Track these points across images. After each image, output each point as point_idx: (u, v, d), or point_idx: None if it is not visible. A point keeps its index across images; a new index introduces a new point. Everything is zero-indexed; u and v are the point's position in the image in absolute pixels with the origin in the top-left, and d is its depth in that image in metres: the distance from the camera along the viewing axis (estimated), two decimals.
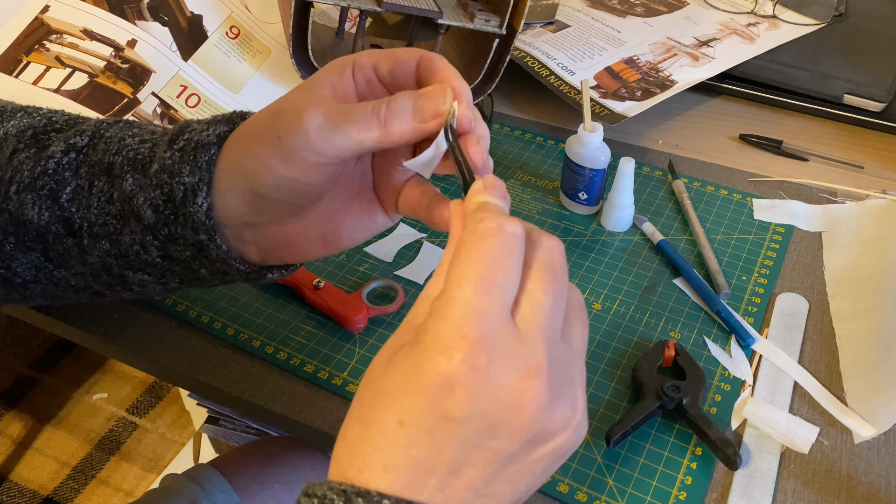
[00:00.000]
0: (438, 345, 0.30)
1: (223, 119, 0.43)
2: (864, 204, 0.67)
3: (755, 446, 0.50)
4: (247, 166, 0.41)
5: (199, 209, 0.41)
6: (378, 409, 0.31)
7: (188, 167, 0.41)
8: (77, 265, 0.46)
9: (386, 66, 0.42)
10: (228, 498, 0.71)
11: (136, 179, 0.42)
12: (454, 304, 0.30)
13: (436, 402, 0.30)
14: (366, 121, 0.39)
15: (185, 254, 0.43)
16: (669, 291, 0.61)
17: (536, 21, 0.87)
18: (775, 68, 0.81)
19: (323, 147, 0.39)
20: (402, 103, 0.39)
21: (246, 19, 0.76)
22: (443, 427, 0.30)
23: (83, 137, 0.45)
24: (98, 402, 1.64)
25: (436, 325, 0.30)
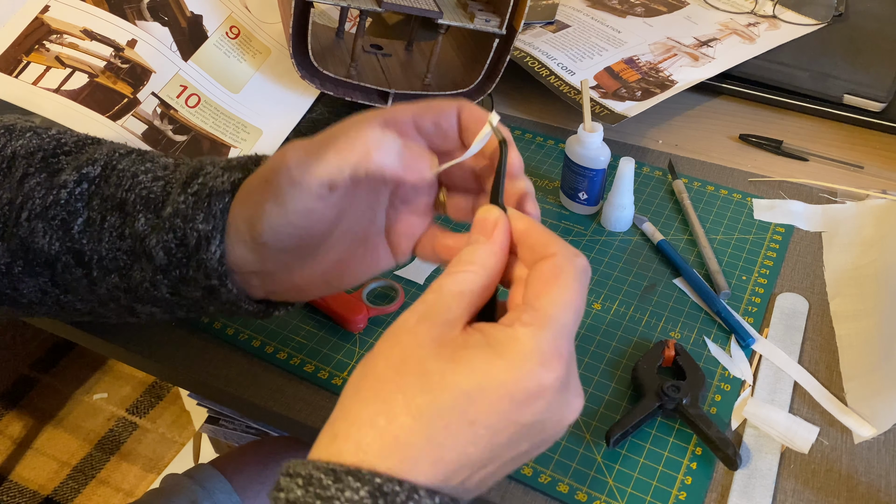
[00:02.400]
0: (539, 357, 0.32)
1: (238, 165, 0.43)
2: (864, 204, 0.67)
3: (755, 446, 0.50)
4: (246, 215, 0.40)
5: (212, 256, 0.41)
6: (441, 406, 0.31)
7: (202, 214, 0.41)
8: (85, 293, 0.46)
9: (428, 118, 0.41)
10: (229, 498, 0.71)
11: (148, 220, 0.42)
12: (555, 325, 0.33)
13: (520, 408, 0.32)
14: (347, 144, 0.37)
15: (195, 294, 0.43)
16: (669, 291, 0.61)
17: (536, 21, 0.87)
18: (775, 68, 0.81)
19: (305, 179, 0.37)
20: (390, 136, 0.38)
21: (246, 19, 0.76)
22: (509, 430, 0.32)
23: (95, 167, 0.45)
24: (98, 402, 1.64)
25: (537, 341, 0.32)
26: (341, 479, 0.30)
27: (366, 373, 0.34)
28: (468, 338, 0.33)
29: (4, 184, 0.45)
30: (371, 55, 0.77)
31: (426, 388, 0.32)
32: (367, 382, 0.33)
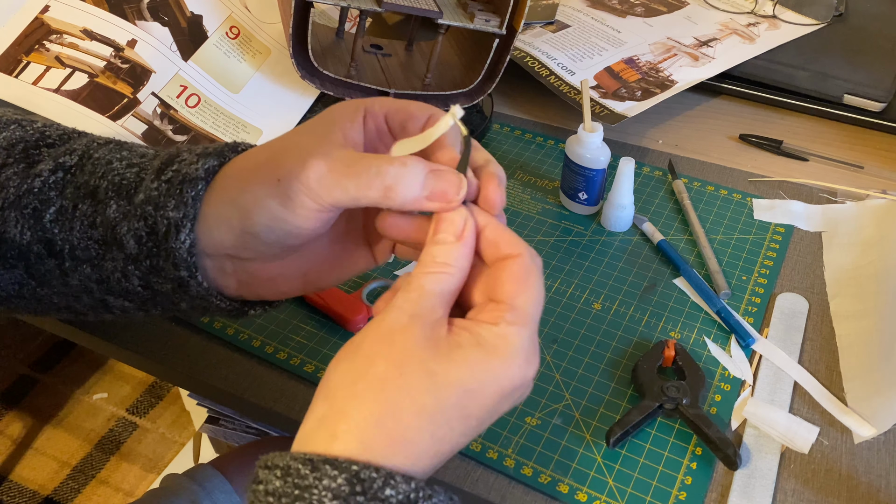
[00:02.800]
0: (525, 354, 0.35)
1: (214, 152, 0.42)
2: (864, 204, 0.67)
3: (755, 446, 0.50)
4: (241, 203, 0.40)
5: (181, 245, 0.40)
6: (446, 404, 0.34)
7: (173, 201, 0.40)
8: (59, 286, 0.45)
9: (398, 118, 0.42)
10: (229, 498, 0.71)
11: (119, 206, 0.41)
12: (533, 323, 0.36)
13: (506, 399, 0.36)
14: (367, 180, 0.38)
15: (165, 286, 0.43)
16: (669, 291, 0.61)
17: (536, 21, 0.87)
18: (775, 68, 0.81)
19: (322, 198, 0.38)
20: (413, 174, 0.38)
21: (246, 19, 0.76)
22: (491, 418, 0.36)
23: (73, 156, 0.44)
24: (98, 402, 1.64)
25: (519, 339, 0.35)
26: (318, 468, 0.31)
27: (363, 372, 0.34)
28: (458, 337, 0.35)
29: None
30: (371, 55, 0.77)
31: (431, 389, 0.34)
32: (367, 383, 0.34)
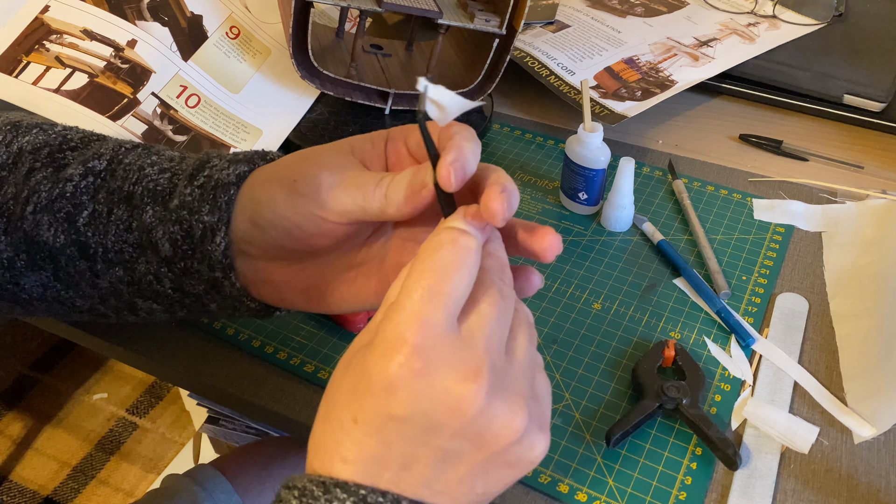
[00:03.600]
0: (383, 347, 0.32)
1: (244, 158, 0.44)
2: (864, 204, 0.67)
3: (755, 446, 0.50)
4: (257, 196, 0.42)
5: (216, 248, 0.42)
6: (337, 406, 0.34)
7: (207, 206, 0.42)
8: (87, 288, 0.46)
9: (415, 137, 0.42)
10: (229, 498, 0.71)
11: (156, 212, 0.43)
12: (400, 311, 0.32)
13: (381, 401, 0.32)
14: (371, 189, 0.39)
15: (198, 288, 0.44)
16: (669, 291, 0.61)
17: (536, 21, 0.87)
18: (775, 68, 0.81)
19: (329, 203, 0.40)
20: (402, 175, 0.39)
21: (246, 19, 0.76)
22: (388, 425, 0.32)
23: (101, 161, 0.45)
24: (98, 402, 1.64)
25: (384, 328, 0.32)
26: (330, 491, 0.32)
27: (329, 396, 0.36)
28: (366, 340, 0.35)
29: (10, 179, 0.46)
30: (371, 55, 0.77)
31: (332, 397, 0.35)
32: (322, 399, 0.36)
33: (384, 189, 0.39)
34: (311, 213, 0.40)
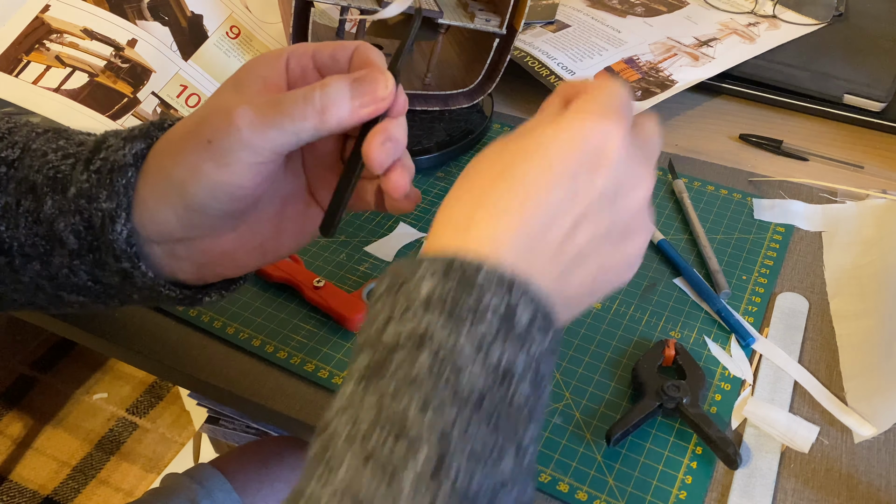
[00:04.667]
0: (594, 110, 0.35)
1: (140, 133, 0.40)
2: (864, 204, 0.67)
3: (755, 446, 0.50)
4: (176, 176, 0.38)
5: (118, 237, 0.39)
6: (521, 159, 0.35)
7: (105, 192, 0.39)
8: (13, 283, 0.44)
9: (326, 50, 0.41)
10: (229, 497, 0.71)
11: (55, 202, 0.40)
12: (612, 94, 0.36)
13: (586, 149, 0.35)
14: (300, 110, 0.37)
15: (112, 280, 0.41)
16: (669, 291, 0.61)
17: (536, 21, 0.87)
18: (775, 68, 0.81)
19: (258, 144, 0.37)
20: (337, 87, 0.38)
21: (246, 19, 0.76)
22: (584, 176, 0.35)
23: (15, 150, 0.42)
24: (98, 402, 1.64)
25: (596, 101, 0.36)
26: (418, 261, 0.33)
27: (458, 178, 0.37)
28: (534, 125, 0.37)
29: None
30: None
31: (504, 155, 0.36)
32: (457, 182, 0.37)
33: (317, 104, 0.37)
34: (245, 164, 0.37)
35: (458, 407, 0.30)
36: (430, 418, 0.29)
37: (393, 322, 0.32)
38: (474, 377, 0.30)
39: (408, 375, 0.30)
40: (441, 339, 0.31)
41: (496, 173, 0.35)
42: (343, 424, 0.30)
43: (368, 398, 0.30)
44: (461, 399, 0.30)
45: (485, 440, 0.30)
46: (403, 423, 0.29)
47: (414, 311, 0.32)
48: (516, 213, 0.34)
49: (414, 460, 0.28)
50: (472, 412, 0.30)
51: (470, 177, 0.36)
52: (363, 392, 0.31)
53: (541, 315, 0.33)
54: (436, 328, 0.31)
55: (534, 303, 0.33)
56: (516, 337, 0.32)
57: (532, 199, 0.34)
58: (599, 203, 0.35)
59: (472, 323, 0.31)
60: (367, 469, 0.28)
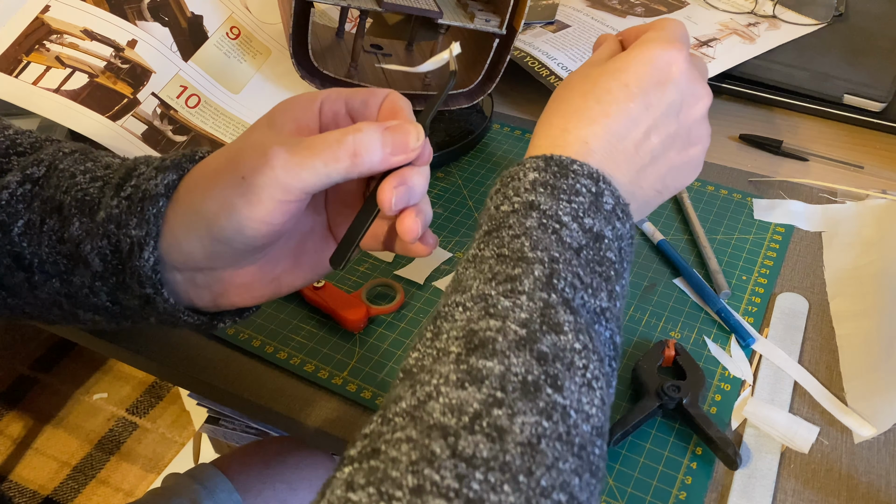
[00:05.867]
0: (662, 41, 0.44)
1: (172, 165, 0.41)
2: (864, 204, 0.67)
3: (755, 446, 0.50)
4: (207, 210, 0.39)
5: (145, 263, 0.40)
6: (602, 80, 0.44)
7: (135, 219, 0.40)
8: (28, 297, 0.44)
9: (359, 97, 0.43)
10: (230, 497, 0.71)
11: (82, 224, 0.41)
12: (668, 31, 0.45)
13: (657, 70, 0.44)
14: (333, 153, 0.39)
15: (133, 303, 0.42)
16: (669, 291, 0.61)
17: (536, 21, 0.87)
18: (775, 68, 0.81)
19: (291, 183, 0.38)
20: (370, 134, 0.39)
21: (246, 20, 0.76)
22: (655, 91, 0.43)
23: (40, 167, 0.43)
24: (98, 402, 1.64)
25: (661, 34, 0.45)
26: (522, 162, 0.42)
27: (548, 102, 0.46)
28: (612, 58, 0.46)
29: None
30: (371, 55, 0.77)
31: (588, 80, 0.44)
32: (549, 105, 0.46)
33: (350, 148, 0.39)
34: (275, 201, 0.38)
35: (562, 250, 0.37)
36: (540, 252, 0.37)
37: (506, 202, 0.40)
38: (574, 233, 0.38)
39: (521, 226, 0.38)
40: (546, 206, 0.39)
41: (584, 91, 0.44)
42: (470, 270, 0.38)
43: (488, 248, 0.38)
44: (564, 245, 0.38)
45: (583, 276, 0.37)
46: (521, 254, 0.37)
47: (524, 190, 0.40)
48: (601, 123, 0.42)
49: (530, 274, 0.36)
50: (573, 256, 0.38)
51: (561, 97, 0.45)
52: (483, 245, 0.39)
53: (621, 205, 0.41)
54: (542, 199, 0.39)
55: (615, 195, 0.41)
56: (604, 215, 0.40)
57: (613, 112, 0.42)
58: (667, 113, 0.44)
59: (569, 199, 0.39)
60: (492, 284, 0.36)
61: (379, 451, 0.30)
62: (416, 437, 0.30)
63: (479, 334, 0.33)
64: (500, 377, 0.32)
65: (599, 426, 0.34)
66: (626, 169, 0.43)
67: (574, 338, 0.34)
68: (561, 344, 0.34)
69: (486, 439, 0.29)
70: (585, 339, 0.35)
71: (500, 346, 0.33)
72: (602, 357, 0.36)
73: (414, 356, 0.35)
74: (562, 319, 0.35)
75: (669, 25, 0.46)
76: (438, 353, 0.34)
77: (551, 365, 0.33)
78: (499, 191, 0.41)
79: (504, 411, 0.31)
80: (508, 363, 0.32)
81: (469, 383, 0.31)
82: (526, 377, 0.32)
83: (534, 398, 0.32)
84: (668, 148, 0.45)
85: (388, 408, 0.32)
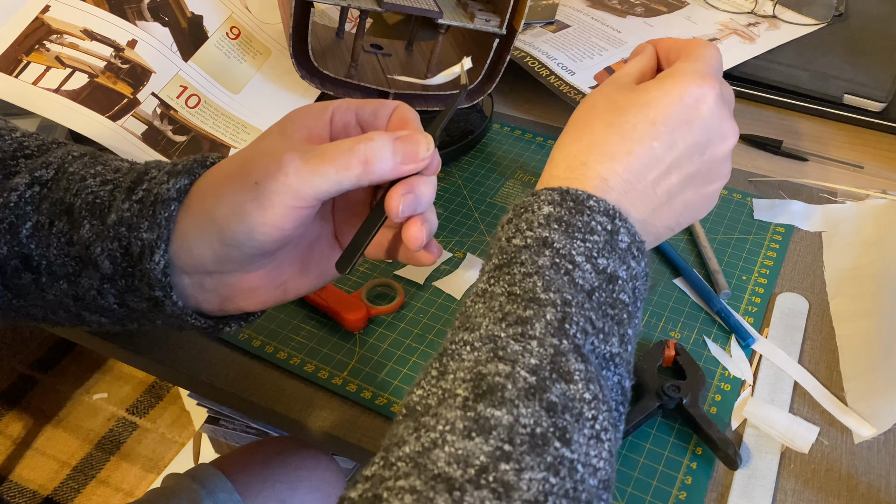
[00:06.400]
0: (697, 75, 0.42)
1: (184, 170, 0.42)
2: (864, 204, 0.67)
3: (755, 446, 0.50)
4: (219, 214, 0.40)
5: (155, 266, 0.40)
6: (629, 113, 0.42)
7: (146, 222, 0.40)
8: (35, 299, 0.45)
9: (369, 108, 0.44)
10: (230, 497, 0.71)
11: (93, 226, 0.41)
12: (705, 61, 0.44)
13: (688, 109, 0.42)
14: (345, 160, 0.39)
15: (141, 305, 0.43)
16: (669, 291, 0.61)
17: (536, 21, 0.87)
18: (775, 68, 0.81)
19: (303, 189, 0.39)
20: (381, 143, 0.40)
21: (246, 20, 0.76)
22: (682, 130, 0.42)
23: (49, 170, 0.44)
24: (98, 402, 1.64)
25: (696, 65, 0.43)
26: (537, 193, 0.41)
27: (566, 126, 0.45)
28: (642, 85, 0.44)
29: None
30: (371, 55, 0.77)
31: (613, 109, 0.43)
32: (567, 129, 0.44)
33: (362, 156, 0.39)
34: (287, 207, 0.39)
35: (574, 293, 0.37)
36: (553, 293, 0.36)
37: (518, 235, 0.39)
38: (587, 274, 0.38)
39: (534, 264, 0.37)
40: (560, 245, 0.38)
41: (608, 121, 0.42)
42: (479, 306, 0.37)
43: (499, 285, 0.37)
44: (577, 287, 0.37)
45: (595, 321, 0.37)
46: (532, 294, 0.36)
47: (537, 225, 0.39)
48: (622, 161, 0.41)
49: (542, 318, 0.35)
50: (585, 299, 0.37)
51: (583, 122, 0.44)
52: (494, 281, 0.38)
53: (636, 243, 0.40)
54: (555, 237, 0.38)
55: (630, 232, 0.40)
56: (618, 254, 0.39)
57: (636, 150, 0.41)
58: (690, 153, 0.43)
59: (583, 238, 0.38)
60: (502, 325, 0.35)
61: (381, 499, 0.29)
62: (420, 488, 0.29)
63: (488, 379, 0.32)
64: (508, 428, 0.31)
65: (606, 479, 0.33)
66: (641, 207, 0.42)
67: (584, 387, 0.34)
68: (570, 394, 0.33)
69: (492, 495, 0.29)
70: (595, 389, 0.34)
71: (509, 395, 0.32)
72: (611, 406, 0.35)
73: (418, 393, 0.34)
74: (572, 368, 0.34)
75: (706, 55, 0.44)
76: (444, 394, 0.33)
77: (560, 416, 0.32)
78: (511, 221, 0.40)
79: (511, 466, 0.30)
80: (517, 413, 0.31)
81: (476, 433, 0.31)
82: (535, 429, 0.31)
83: (542, 452, 0.31)
84: (686, 187, 0.43)
85: (390, 450, 0.31)
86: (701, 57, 0.44)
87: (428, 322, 0.59)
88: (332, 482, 0.78)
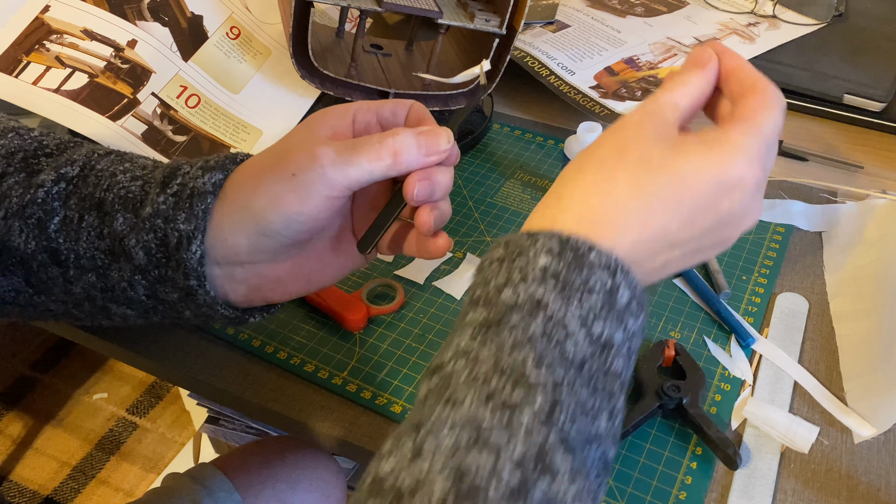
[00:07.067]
0: (746, 153, 0.38)
1: (217, 166, 0.44)
2: (864, 204, 0.67)
3: (755, 446, 0.50)
4: (256, 205, 0.42)
5: (192, 256, 0.42)
6: (658, 186, 0.37)
7: (183, 214, 0.42)
8: (60, 293, 0.46)
9: (388, 107, 0.47)
10: (230, 497, 0.71)
11: (126, 219, 0.43)
12: (761, 134, 0.38)
13: (722, 195, 0.38)
14: (376, 151, 0.42)
15: (172, 296, 0.44)
16: (669, 291, 0.61)
17: (536, 21, 0.88)
18: (775, 68, 0.81)
19: (337, 179, 0.42)
20: (407, 137, 0.43)
21: (246, 20, 0.76)
22: (707, 215, 0.38)
23: (74, 167, 0.45)
24: (98, 402, 1.64)
25: (749, 141, 0.38)
26: (534, 236, 0.37)
27: (589, 155, 0.39)
28: (685, 136, 0.39)
29: None
30: (371, 55, 0.77)
31: (647, 169, 0.37)
32: (590, 163, 0.39)
33: (391, 148, 0.42)
34: (321, 197, 0.42)
35: (566, 368, 0.34)
36: (544, 372, 0.34)
37: (510, 286, 0.36)
38: (579, 345, 0.35)
39: (525, 333, 0.35)
40: (554, 309, 0.35)
41: (634, 184, 0.37)
42: (462, 367, 0.34)
43: (486, 348, 0.35)
44: (568, 361, 0.34)
45: (585, 400, 0.35)
46: (521, 372, 0.34)
47: (531, 279, 0.36)
48: (636, 228, 0.37)
49: (531, 405, 0.33)
50: (576, 374, 0.35)
51: (610, 164, 0.38)
52: (481, 343, 0.35)
53: (637, 298, 0.37)
54: (550, 298, 0.35)
55: (632, 287, 0.37)
56: (616, 315, 0.36)
57: (653, 226, 0.38)
58: (708, 232, 0.39)
59: (580, 299, 0.36)
60: (488, 406, 0.33)
61: None
62: None
63: (468, 478, 0.30)
64: None
65: None
66: (649, 265, 0.39)
67: (569, 484, 0.32)
68: (553, 492, 0.32)
69: None
70: (581, 483, 0.33)
71: (492, 499, 0.30)
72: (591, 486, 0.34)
73: (389, 466, 0.32)
74: (558, 461, 0.32)
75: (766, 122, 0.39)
76: (417, 483, 0.31)
77: None
78: (503, 262, 0.37)
79: None
80: None
81: None
82: None
83: None
84: (697, 251, 0.40)
85: None
86: (760, 125, 0.39)
87: (428, 322, 0.59)
88: (331, 482, 0.78)
